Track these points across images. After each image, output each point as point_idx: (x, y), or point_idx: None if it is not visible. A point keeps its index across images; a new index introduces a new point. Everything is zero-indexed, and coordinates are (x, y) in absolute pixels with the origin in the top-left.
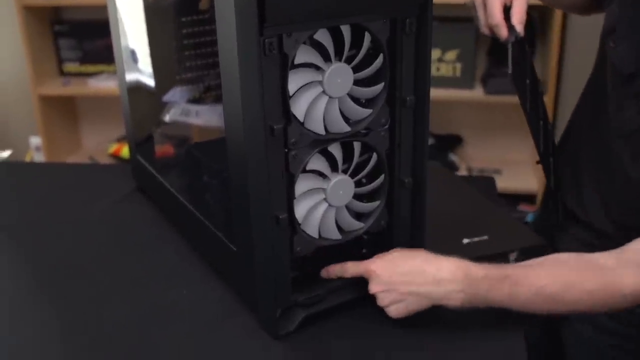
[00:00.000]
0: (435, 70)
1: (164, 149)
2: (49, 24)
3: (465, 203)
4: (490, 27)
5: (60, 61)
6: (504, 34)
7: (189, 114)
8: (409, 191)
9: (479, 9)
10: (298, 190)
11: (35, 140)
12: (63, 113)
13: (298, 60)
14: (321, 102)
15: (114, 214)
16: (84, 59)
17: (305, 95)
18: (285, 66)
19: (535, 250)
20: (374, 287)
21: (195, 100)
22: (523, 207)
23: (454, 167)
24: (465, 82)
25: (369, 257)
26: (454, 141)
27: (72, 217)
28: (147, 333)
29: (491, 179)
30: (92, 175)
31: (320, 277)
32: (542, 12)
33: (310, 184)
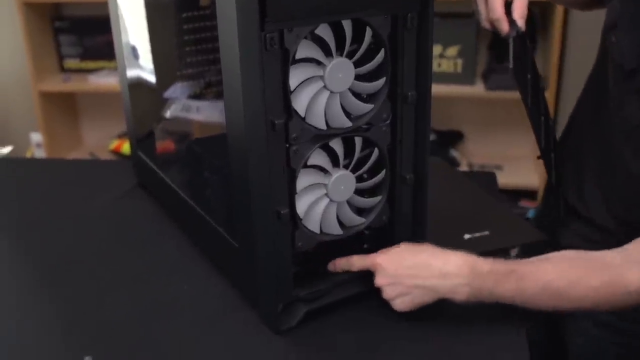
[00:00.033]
0: (437, 66)
1: (164, 145)
2: (49, 20)
3: (467, 198)
4: (491, 22)
5: (60, 57)
6: (505, 29)
7: (189, 109)
8: (410, 186)
9: (480, 4)
10: (299, 185)
11: (35, 137)
12: (64, 109)
13: (299, 55)
14: (322, 97)
15: (115, 210)
16: (85, 55)
17: (307, 90)
18: (287, 61)
19: (536, 246)
20: (379, 280)
21: (196, 96)
22: (524, 203)
23: (454, 163)
24: (466, 78)
25: (370, 252)
26: (455, 137)
27: (73, 213)
28: (148, 328)
29: (492, 175)
30: (93, 171)
31: (322, 272)
32: (544, 7)
33: (312, 179)
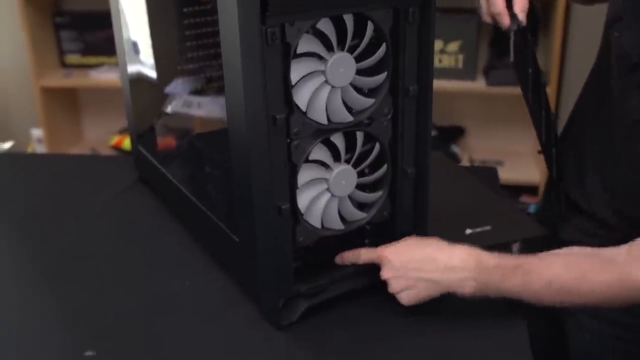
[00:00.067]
0: (438, 62)
1: (165, 141)
2: (49, 16)
3: (468, 193)
4: (492, 16)
5: (61, 53)
6: (506, 23)
7: (191, 105)
8: (412, 181)
9: None
10: (300, 180)
11: (36, 132)
12: (64, 105)
13: (300, 50)
14: (324, 92)
15: (116, 205)
16: (86, 51)
17: (308, 84)
18: (288, 55)
19: (538, 241)
20: (385, 273)
21: (197, 91)
22: (525, 199)
23: (456, 158)
24: (468, 73)
25: (372, 247)
26: (456, 133)
27: (74, 208)
28: (149, 324)
29: (493, 170)
30: (94, 167)
31: (323, 268)
32: (545, 1)
33: (313, 174)
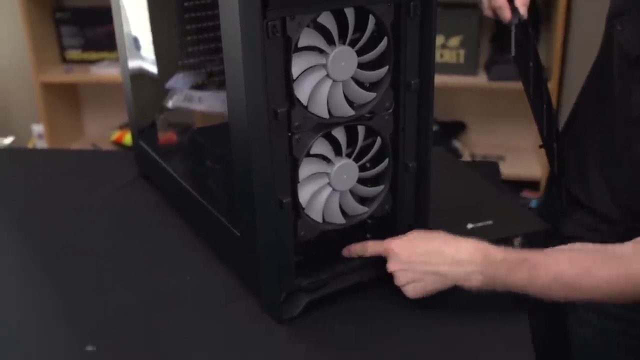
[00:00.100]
0: (439, 57)
1: (166, 136)
2: (50, 11)
3: (470, 188)
4: (493, 9)
5: (62, 48)
6: (507, 16)
7: (192, 100)
8: (413, 175)
9: None
10: (302, 174)
11: (37, 128)
12: (65, 100)
13: (302, 44)
14: (325, 86)
15: (116, 200)
16: (86, 46)
17: (309, 78)
18: (289, 49)
19: (539, 236)
20: (392, 266)
21: (198, 86)
22: (526, 194)
23: (457, 154)
24: (469, 68)
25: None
26: (458, 128)
27: (75, 203)
28: (150, 318)
29: (495, 164)
30: (95, 162)
31: (324, 262)
32: None
33: (314, 168)
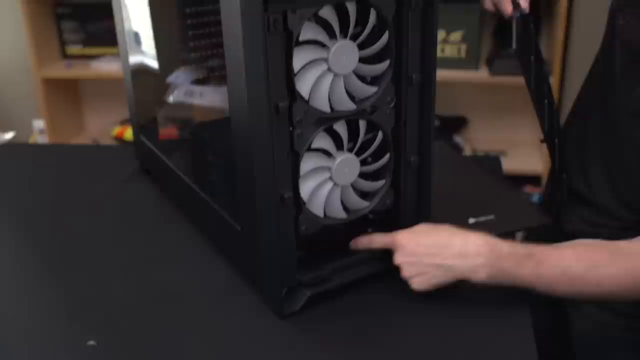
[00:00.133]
0: (440, 52)
1: (167, 131)
2: (50, 6)
3: (471, 182)
4: (494, 3)
5: (62, 44)
6: (508, 10)
7: (193, 94)
8: (415, 170)
9: None
10: (303, 169)
11: (38, 124)
12: (66, 96)
13: (303, 37)
14: (326, 80)
15: (118, 195)
16: (87, 42)
17: (311, 72)
18: (290, 43)
19: (541, 230)
20: (398, 258)
21: (199, 81)
22: (528, 189)
23: (458, 149)
24: (470, 63)
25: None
26: (459, 123)
27: (76, 198)
28: (151, 313)
29: (497, 159)
30: (96, 157)
31: (326, 256)
32: None
33: (316, 163)
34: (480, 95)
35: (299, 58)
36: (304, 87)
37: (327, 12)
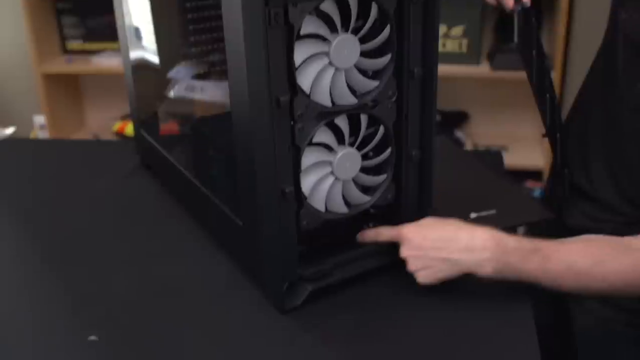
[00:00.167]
0: (441, 46)
1: (168, 125)
2: (51, 1)
3: (473, 177)
4: None
5: (63, 39)
6: (509, 4)
7: (194, 89)
8: (416, 164)
9: None
10: (304, 163)
11: (39, 119)
12: (67, 91)
13: (304, 31)
14: (327, 74)
15: (119, 190)
16: (87, 37)
17: (312, 66)
18: (291, 37)
19: (543, 225)
20: (404, 251)
21: (200, 76)
22: (529, 184)
23: (459, 144)
24: (472, 58)
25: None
26: (460, 118)
27: (77, 193)
28: (151, 308)
29: (498, 154)
30: (97, 152)
31: (328, 251)
32: None
33: (317, 157)
34: (482, 90)
35: (300, 52)
36: (305, 81)
37: (328, 6)
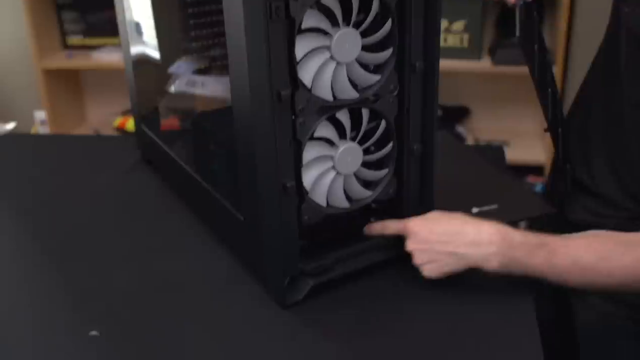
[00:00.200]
0: (443, 41)
1: (169, 121)
2: None
3: (474, 172)
4: None
5: (63, 34)
6: None
7: (194, 84)
8: (418, 159)
9: None
10: (306, 157)
11: (39, 115)
12: (67, 87)
13: (305, 25)
14: (329, 68)
15: (120, 185)
16: (88, 32)
17: (313, 60)
18: (292, 31)
19: (545, 220)
20: (410, 245)
21: (201, 71)
22: (531, 179)
23: (461, 139)
24: (473, 52)
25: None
26: (461, 113)
27: (78, 188)
28: (152, 303)
29: (500, 149)
30: (98, 147)
31: (329, 246)
32: None
33: (318, 152)
34: (483, 85)
35: (301, 46)
36: (306, 75)
37: (330, 0)
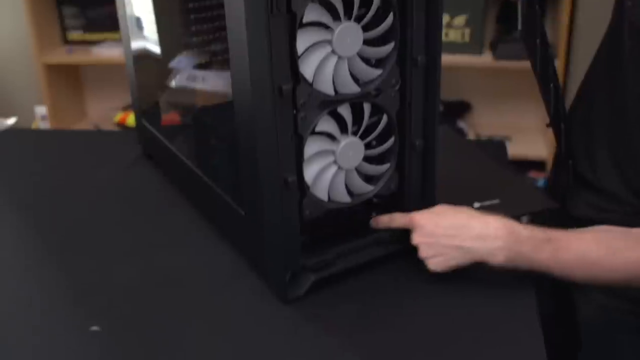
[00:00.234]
0: (444, 36)
1: (170, 115)
2: None
3: (476, 167)
4: None
5: (64, 29)
6: None
7: (195, 79)
8: (420, 153)
9: None
10: (307, 152)
11: (40, 110)
12: (67, 82)
13: (307, 19)
14: (330, 62)
15: (121, 180)
16: (88, 27)
17: (314, 55)
18: (294, 25)
19: (547, 215)
20: (416, 238)
21: (201, 65)
22: (533, 174)
23: (462, 134)
24: (474, 47)
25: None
26: (463, 108)
27: (80, 183)
28: (154, 298)
29: (502, 144)
30: (99, 142)
31: (330, 241)
32: None
33: (320, 146)
34: (484, 80)
35: (303, 40)
36: (307, 69)
37: None
